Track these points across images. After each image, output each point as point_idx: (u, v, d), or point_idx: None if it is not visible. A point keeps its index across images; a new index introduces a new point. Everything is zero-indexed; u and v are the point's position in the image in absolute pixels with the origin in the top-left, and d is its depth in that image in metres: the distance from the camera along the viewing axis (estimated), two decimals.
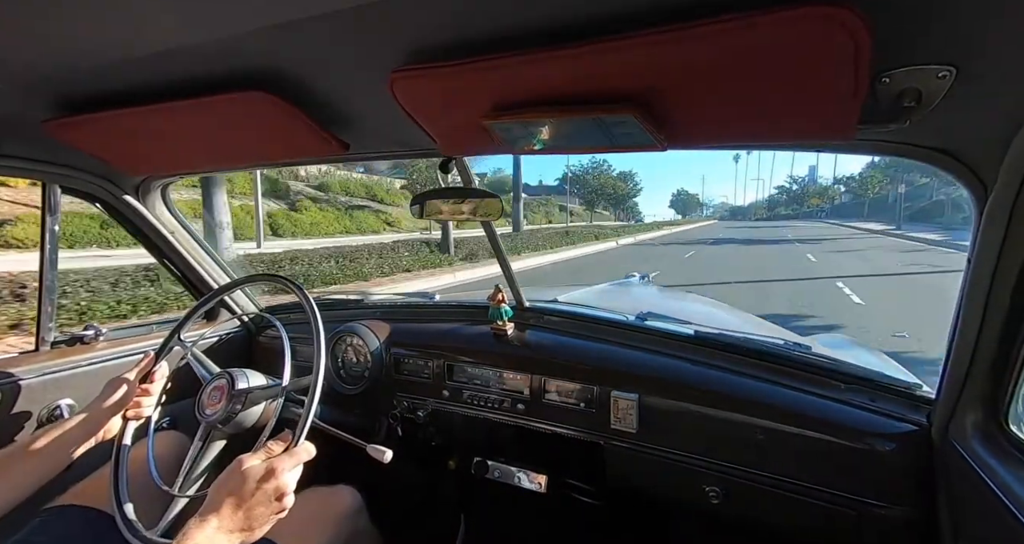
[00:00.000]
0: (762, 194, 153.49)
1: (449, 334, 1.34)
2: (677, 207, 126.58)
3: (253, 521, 0.64)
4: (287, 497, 0.67)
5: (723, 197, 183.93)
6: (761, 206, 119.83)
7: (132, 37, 0.56)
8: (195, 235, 1.40)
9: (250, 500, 0.64)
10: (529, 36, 0.50)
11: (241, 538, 0.63)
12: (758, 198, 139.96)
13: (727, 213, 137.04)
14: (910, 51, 0.48)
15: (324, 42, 0.56)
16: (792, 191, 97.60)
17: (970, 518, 0.72)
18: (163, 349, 0.97)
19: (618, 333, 1.20)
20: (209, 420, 0.83)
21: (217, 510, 0.62)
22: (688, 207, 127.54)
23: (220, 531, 0.61)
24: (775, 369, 1.01)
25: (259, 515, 0.64)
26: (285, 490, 0.67)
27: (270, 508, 0.65)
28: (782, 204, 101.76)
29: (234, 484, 0.65)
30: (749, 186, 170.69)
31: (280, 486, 0.66)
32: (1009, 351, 0.67)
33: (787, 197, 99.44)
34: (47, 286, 1.15)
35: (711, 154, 53.10)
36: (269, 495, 0.65)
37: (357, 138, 0.88)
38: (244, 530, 0.63)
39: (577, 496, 1.32)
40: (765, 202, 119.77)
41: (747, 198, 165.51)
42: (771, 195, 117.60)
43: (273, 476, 0.66)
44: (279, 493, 0.66)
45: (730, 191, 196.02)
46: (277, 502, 0.66)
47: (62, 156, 1.04)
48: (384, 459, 0.83)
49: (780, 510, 0.96)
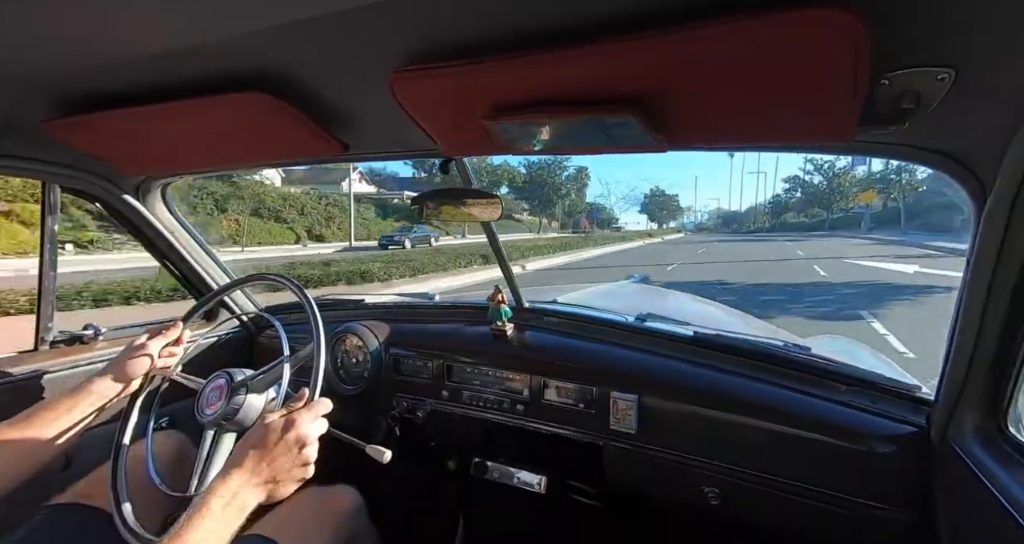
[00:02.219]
0: (763, 194, 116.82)
1: (448, 334, 1.34)
2: (651, 213, 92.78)
3: (277, 473, 0.64)
4: (309, 447, 0.67)
5: (714, 200, 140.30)
6: (762, 211, 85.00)
7: (132, 37, 0.56)
8: (195, 235, 1.40)
9: (273, 451, 0.64)
10: (529, 37, 0.51)
11: (267, 490, 0.63)
12: (761, 199, 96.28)
13: (719, 221, 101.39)
14: (909, 53, 0.48)
15: (324, 42, 0.56)
16: (807, 189, 56.96)
17: (969, 520, 0.72)
18: (187, 320, 0.97)
19: (618, 334, 1.20)
20: (210, 419, 0.83)
21: (240, 464, 0.62)
22: (666, 212, 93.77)
23: (245, 484, 0.61)
24: (774, 370, 1.01)
25: (283, 467, 0.64)
26: (307, 440, 0.67)
27: (293, 459, 0.65)
28: (792, 206, 66.98)
29: (256, 438, 0.65)
30: (747, 182, 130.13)
31: (301, 436, 0.66)
32: (1008, 353, 0.67)
33: (802, 197, 59.96)
34: (46, 286, 1.15)
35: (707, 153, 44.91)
36: (291, 445, 0.65)
37: (357, 138, 0.88)
38: (269, 482, 0.63)
39: (576, 497, 1.32)
40: (768, 205, 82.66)
41: (748, 198, 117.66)
42: (776, 195, 79.58)
43: (293, 427, 0.66)
44: (301, 443, 0.66)
45: (724, 192, 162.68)
46: (300, 453, 0.66)
47: (62, 156, 1.04)
48: (383, 459, 0.83)
49: (779, 512, 0.96)
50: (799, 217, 63.19)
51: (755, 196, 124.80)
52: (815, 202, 55.72)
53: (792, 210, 67.30)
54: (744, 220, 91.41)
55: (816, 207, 56.67)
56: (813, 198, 55.67)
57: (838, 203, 49.59)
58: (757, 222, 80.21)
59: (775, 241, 30.53)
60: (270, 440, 0.65)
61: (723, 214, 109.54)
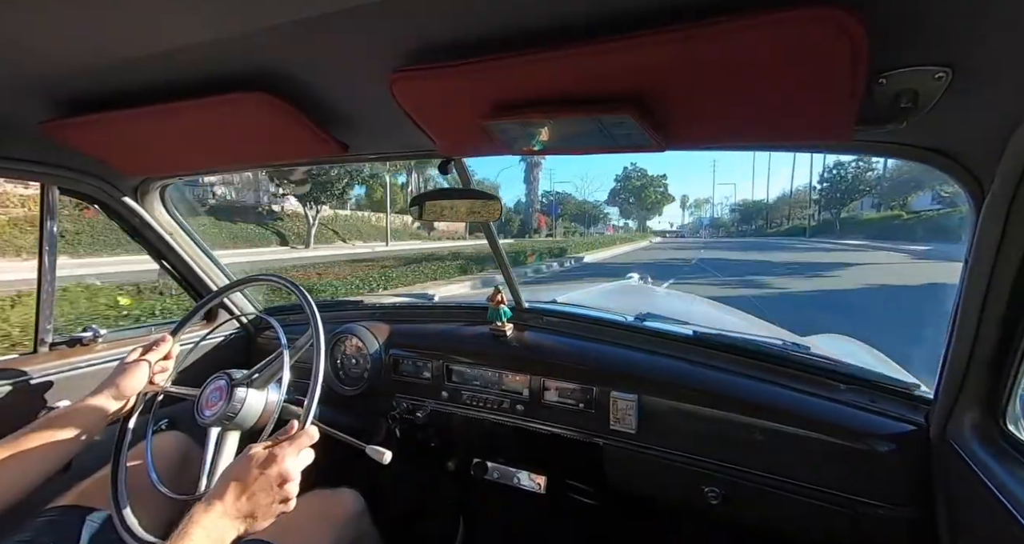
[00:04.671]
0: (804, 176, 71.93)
1: (448, 335, 1.34)
2: (623, 206, 59.12)
3: (256, 508, 0.63)
4: (290, 484, 0.66)
5: (728, 185, 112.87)
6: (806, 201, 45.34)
7: (131, 37, 0.56)
8: (194, 236, 1.40)
9: (252, 486, 0.64)
10: (528, 37, 0.51)
11: (244, 525, 0.63)
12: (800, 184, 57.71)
13: (736, 215, 65.87)
14: (907, 52, 0.48)
15: (324, 42, 0.56)
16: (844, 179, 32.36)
17: (968, 517, 0.72)
18: (176, 333, 0.96)
19: (617, 334, 1.20)
20: (210, 419, 0.83)
21: (221, 496, 0.62)
22: (649, 203, 55.67)
23: (223, 517, 0.61)
24: (774, 369, 1.02)
25: (261, 502, 0.64)
26: (287, 476, 0.66)
27: (273, 495, 0.65)
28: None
29: (238, 471, 0.65)
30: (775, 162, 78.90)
31: (282, 472, 0.65)
32: (1006, 351, 0.67)
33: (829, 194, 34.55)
34: (45, 287, 1.15)
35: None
36: (271, 481, 0.64)
37: (356, 138, 0.88)
38: (247, 517, 0.63)
39: (576, 497, 1.32)
40: (823, 190, 36.08)
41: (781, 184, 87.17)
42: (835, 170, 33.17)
43: (275, 462, 0.65)
44: (281, 479, 0.65)
45: (742, 175, 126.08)
46: (280, 489, 0.65)
47: (60, 157, 1.04)
48: (383, 460, 0.82)
49: (779, 510, 0.96)
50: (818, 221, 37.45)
51: (790, 180, 79.02)
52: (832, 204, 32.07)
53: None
54: (774, 215, 55.96)
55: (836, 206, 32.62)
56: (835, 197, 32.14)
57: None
58: (793, 217, 49.22)
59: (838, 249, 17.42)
60: (250, 475, 0.64)
61: (741, 207, 68.15)
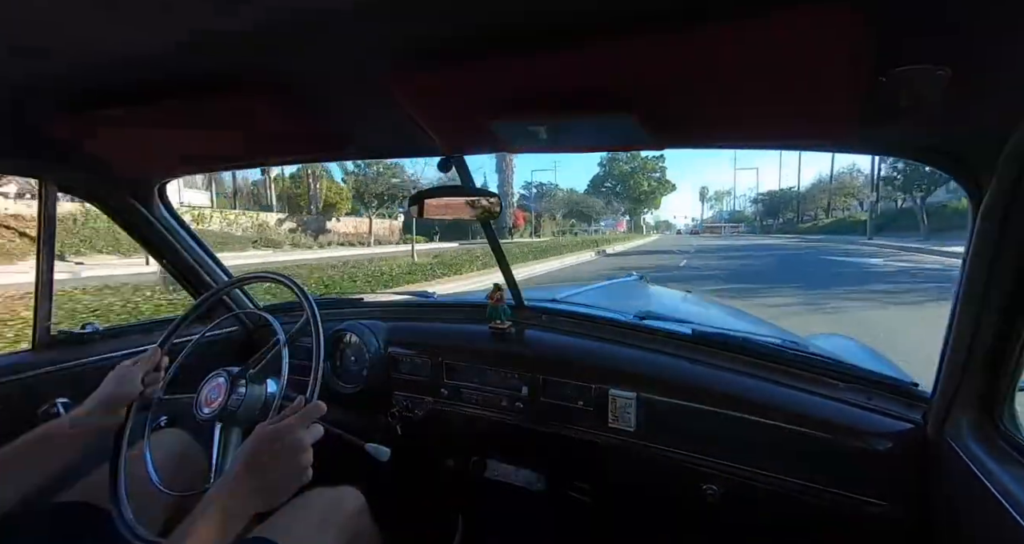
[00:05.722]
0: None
1: (447, 333, 1.34)
2: (608, 200, 50.25)
3: (272, 484, 0.64)
4: (303, 454, 0.66)
5: (749, 170, 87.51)
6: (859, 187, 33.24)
7: (131, 36, 0.55)
8: (194, 234, 1.40)
9: (265, 460, 0.64)
10: (528, 37, 0.51)
11: (261, 498, 0.63)
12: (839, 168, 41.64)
13: (760, 207, 57.25)
14: (908, 51, 0.48)
15: (324, 42, 0.56)
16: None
17: (965, 516, 0.72)
18: (164, 344, 0.97)
19: (616, 332, 1.20)
20: (210, 417, 0.83)
21: (236, 476, 0.63)
22: (640, 196, 48.83)
23: (237, 495, 0.61)
24: (772, 368, 1.02)
25: (277, 476, 0.64)
26: (298, 446, 0.66)
27: (287, 468, 0.65)
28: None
29: (249, 448, 0.65)
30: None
31: (293, 443, 0.65)
32: (1004, 349, 0.67)
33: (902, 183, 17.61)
34: (44, 284, 1.15)
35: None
36: (283, 454, 0.65)
37: (357, 137, 0.88)
38: (262, 490, 0.63)
39: (575, 495, 1.32)
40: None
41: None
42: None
43: (284, 435, 0.66)
44: (293, 451, 0.65)
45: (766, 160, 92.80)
46: (292, 460, 0.65)
47: (60, 155, 1.04)
48: (382, 458, 0.83)
49: (777, 508, 0.96)
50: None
51: (830, 162, 50.59)
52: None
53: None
54: (807, 206, 45.19)
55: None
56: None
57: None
58: (834, 208, 38.98)
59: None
60: (261, 450, 0.65)
61: (765, 197, 57.41)
